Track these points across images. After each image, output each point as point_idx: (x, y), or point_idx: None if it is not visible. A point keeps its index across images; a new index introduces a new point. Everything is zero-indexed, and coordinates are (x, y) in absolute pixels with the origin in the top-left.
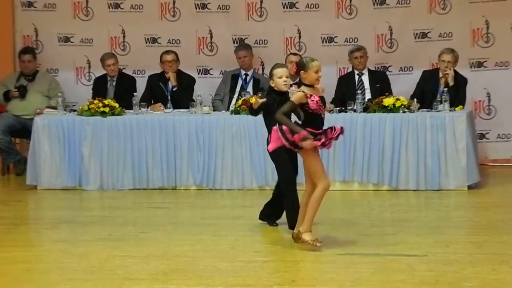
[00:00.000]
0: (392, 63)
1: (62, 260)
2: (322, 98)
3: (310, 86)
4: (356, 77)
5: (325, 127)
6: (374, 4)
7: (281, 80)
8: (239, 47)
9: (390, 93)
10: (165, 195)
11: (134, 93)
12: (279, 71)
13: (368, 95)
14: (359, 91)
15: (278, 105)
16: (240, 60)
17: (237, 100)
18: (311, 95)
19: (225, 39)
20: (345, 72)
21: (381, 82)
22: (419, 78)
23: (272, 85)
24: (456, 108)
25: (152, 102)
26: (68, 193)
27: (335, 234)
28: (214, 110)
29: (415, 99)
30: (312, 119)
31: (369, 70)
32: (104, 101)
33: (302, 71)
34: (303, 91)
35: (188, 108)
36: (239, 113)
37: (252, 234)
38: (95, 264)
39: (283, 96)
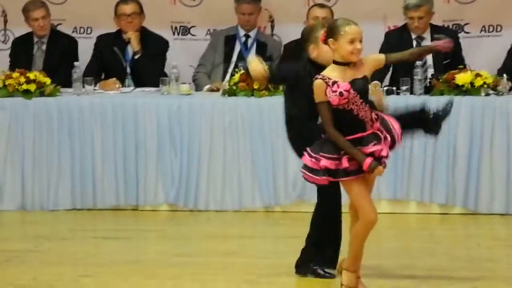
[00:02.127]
0: (471, 20)
1: None
2: (358, 82)
3: (344, 64)
4: (414, 42)
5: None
6: None
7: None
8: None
9: (464, 67)
10: (121, 219)
11: (75, 63)
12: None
13: (431, 70)
14: (417, 64)
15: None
16: (244, 17)
17: (232, 75)
18: (334, 83)
19: None
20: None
21: (450, 53)
22: (511, 44)
23: (314, 55)
24: None
25: (103, 76)
26: None
27: (381, 281)
28: (196, 90)
29: (504, 75)
30: (339, 119)
31: (432, 27)
32: (28, 75)
33: (330, 40)
34: (323, 77)
35: (158, 86)
36: (235, 95)
37: (254, 279)
38: None
39: None
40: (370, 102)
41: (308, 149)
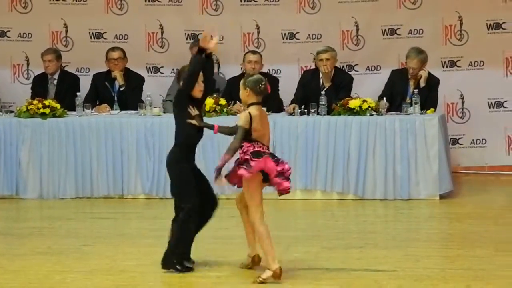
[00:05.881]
0: (359, 62)
1: None
2: None
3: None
4: (321, 79)
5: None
6: None
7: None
8: (194, 43)
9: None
10: (111, 204)
11: (78, 93)
12: None
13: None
14: (323, 92)
15: None
16: None
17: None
18: None
19: (177, 35)
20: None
21: (342, 85)
22: (388, 78)
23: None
24: (427, 111)
25: (97, 103)
26: (4, 202)
27: (296, 248)
28: (164, 112)
29: (384, 98)
30: None
31: (336, 70)
32: (44, 102)
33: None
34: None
35: (137, 109)
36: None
37: (206, 248)
38: (33, 281)
39: None
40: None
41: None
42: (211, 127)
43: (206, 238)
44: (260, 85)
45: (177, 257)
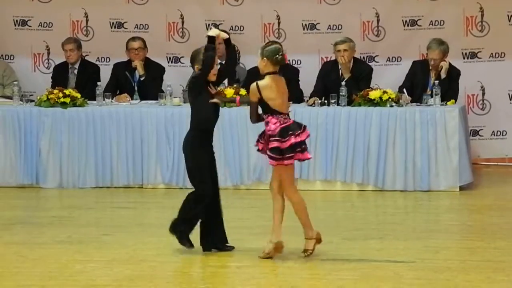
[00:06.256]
0: (379, 53)
1: (17, 265)
2: None
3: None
4: (340, 70)
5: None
6: None
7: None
8: None
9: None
10: (131, 194)
11: (98, 83)
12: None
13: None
14: (343, 83)
15: None
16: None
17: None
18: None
19: (198, 25)
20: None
21: (362, 76)
22: (408, 69)
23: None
24: (448, 103)
25: (118, 92)
26: (24, 191)
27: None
28: (185, 102)
29: (404, 90)
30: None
31: (354, 60)
32: (64, 91)
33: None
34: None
35: (157, 99)
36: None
37: (227, 238)
38: (53, 269)
39: None
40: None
41: None
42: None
43: (227, 228)
44: (278, 56)
45: (178, 233)
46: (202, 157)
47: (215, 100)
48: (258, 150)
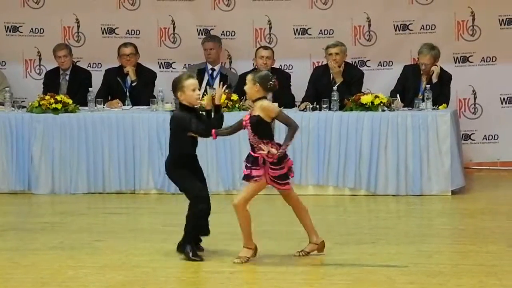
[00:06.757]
0: (371, 58)
1: (9, 271)
2: (252, 118)
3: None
4: (332, 74)
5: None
6: None
7: (194, 93)
8: (207, 38)
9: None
10: (123, 199)
11: (90, 88)
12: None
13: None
14: (335, 88)
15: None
16: (206, 52)
17: (202, 97)
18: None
19: (189, 30)
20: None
21: (353, 81)
22: (400, 73)
23: (181, 99)
24: (440, 107)
25: (109, 98)
26: (16, 198)
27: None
28: (176, 108)
29: (398, 96)
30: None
31: (346, 64)
32: (56, 97)
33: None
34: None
35: (149, 105)
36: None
37: (218, 243)
38: (45, 276)
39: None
40: (261, 134)
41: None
42: (208, 135)
43: (220, 234)
44: (271, 82)
45: (189, 245)
46: (186, 172)
47: (192, 134)
48: (245, 177)
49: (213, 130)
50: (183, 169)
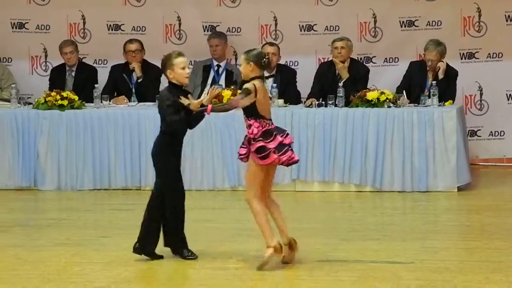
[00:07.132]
0: (376, 54)
1: (15, 267)
2: None
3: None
4: (337, 70)
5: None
6: None
7: (184, 71)
8: (212, 35)
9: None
10: (129, 196)
11: (95, 85)
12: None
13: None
14: (340, 84)
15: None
16: (212, 48)
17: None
18: None
19: (195, 27)
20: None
21: (359, 77)
22: (406, 70)
23: (171, 77)
24: (446, 103)
25: (115, 94)
26: (22, 194)
27: (314, 239)
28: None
29: (404, 92)
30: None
31: (351, 60)
32: (62, 93)
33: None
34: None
35: (154, 101)
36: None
37: (224, 239)
38: (52, 272)
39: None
40: (248, 112)
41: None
42: (204, 110)
43: (225, 230)
44: (265, 59)
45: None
46: (172, 164)
47: (183, 101)
48: (240, 156)
49: (209, 105)
50: (172, 157)
